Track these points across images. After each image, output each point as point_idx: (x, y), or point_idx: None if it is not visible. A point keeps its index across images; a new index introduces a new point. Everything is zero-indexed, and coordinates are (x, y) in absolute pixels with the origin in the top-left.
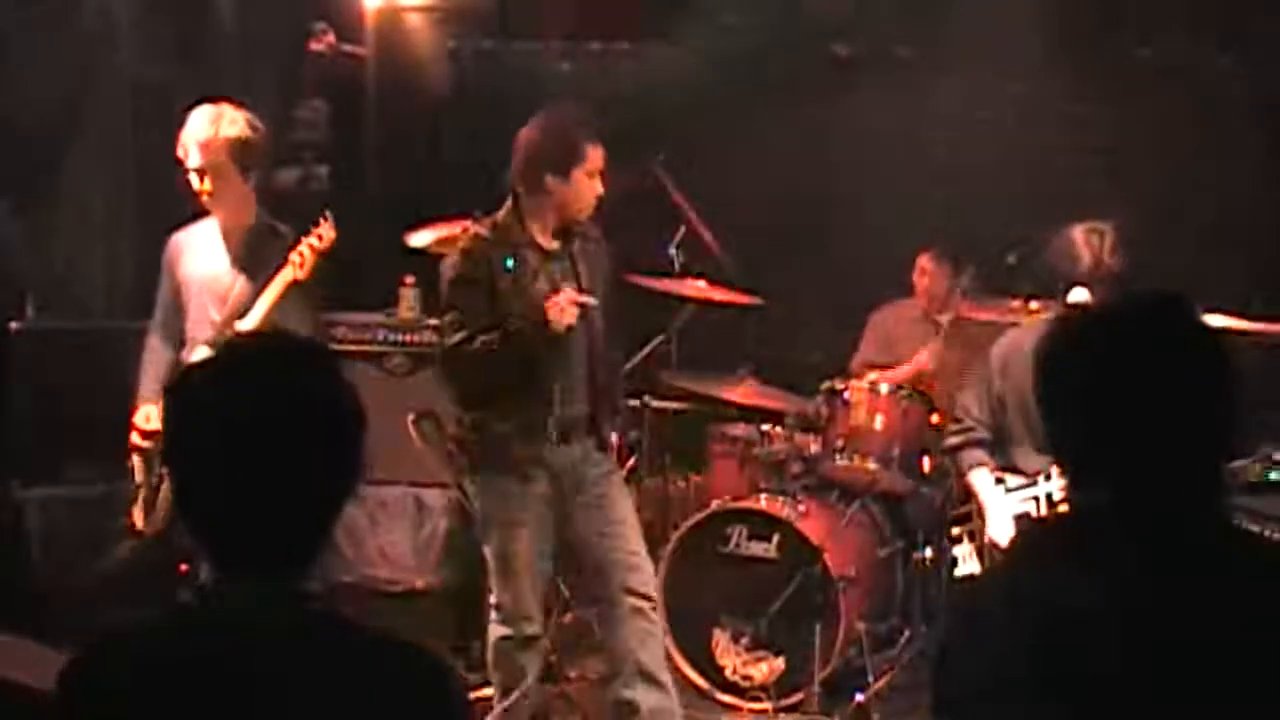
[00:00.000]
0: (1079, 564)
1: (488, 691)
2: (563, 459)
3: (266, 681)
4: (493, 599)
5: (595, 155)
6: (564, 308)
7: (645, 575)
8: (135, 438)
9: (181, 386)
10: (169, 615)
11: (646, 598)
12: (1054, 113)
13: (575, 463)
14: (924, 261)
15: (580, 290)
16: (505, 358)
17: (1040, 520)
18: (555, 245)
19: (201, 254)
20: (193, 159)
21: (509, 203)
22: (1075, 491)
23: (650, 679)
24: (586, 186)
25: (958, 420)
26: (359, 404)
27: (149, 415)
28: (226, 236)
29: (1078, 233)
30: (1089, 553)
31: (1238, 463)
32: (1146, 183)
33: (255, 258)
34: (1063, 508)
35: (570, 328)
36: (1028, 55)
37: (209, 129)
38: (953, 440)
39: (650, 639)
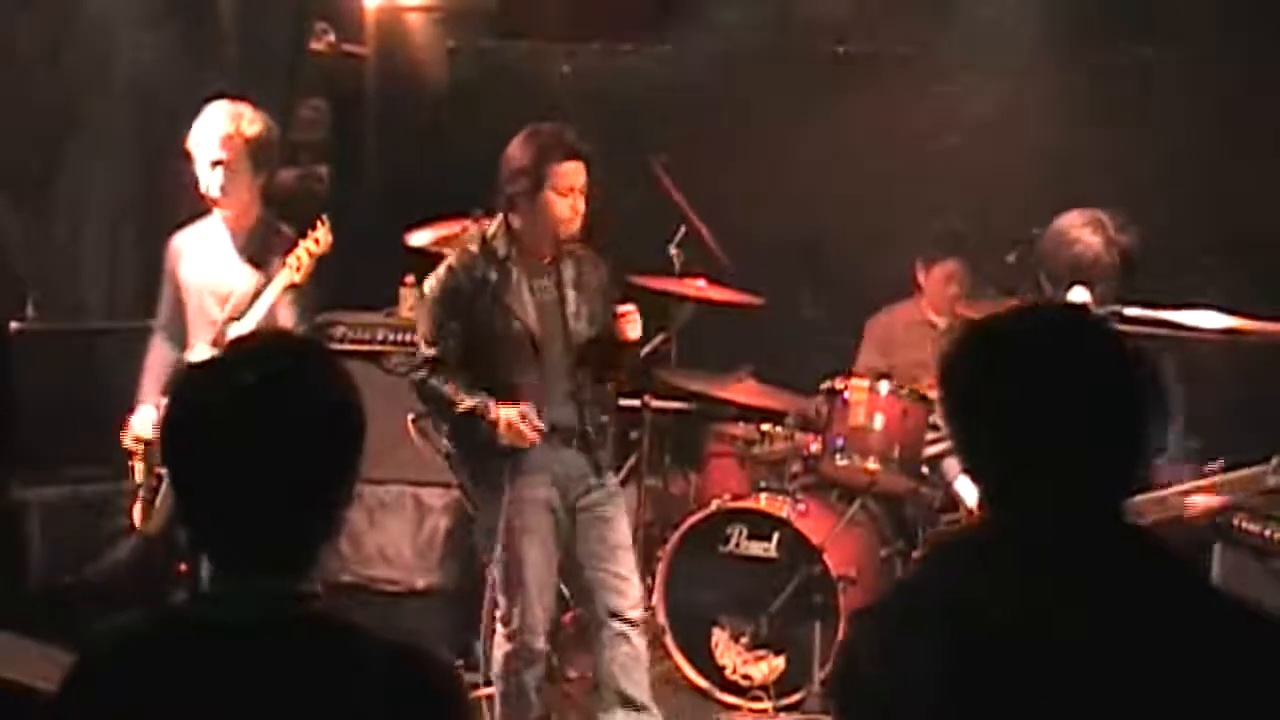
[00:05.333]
0: (987, 578)
1: (488, 691)
2: (565, 464)
3: (266, 683)
4: (499, 612)
5: (566, 174)
6: (513, 423)
7: (633, 600)
8: (128, 440)
9: (182, 385)
10: (166, 616)
11: (631, 623)
12: (1054, 112)
13: (580, 471)
14: (951, 268)
15: (562, 306)
16: (478, 379)
17: (951, 532)
18: (544, 262)
19: (203, 254)
20: (211, 152)
21: (500, 217)
22: (986, 505)
23: (632, 704)
24: (556, 206)
25: (935, 428)
26: (359, 403)
27: (142, 422)
28: (232, 236)
29: (1073, 223)
30: (997, 567)
31: (1256, 469)
32: (1147, 182)
33: (259, 258)
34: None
35: (517, 446)
36: (1028, 55)
37: (231, 124)
38: (934, 449)
39: (633, 664)
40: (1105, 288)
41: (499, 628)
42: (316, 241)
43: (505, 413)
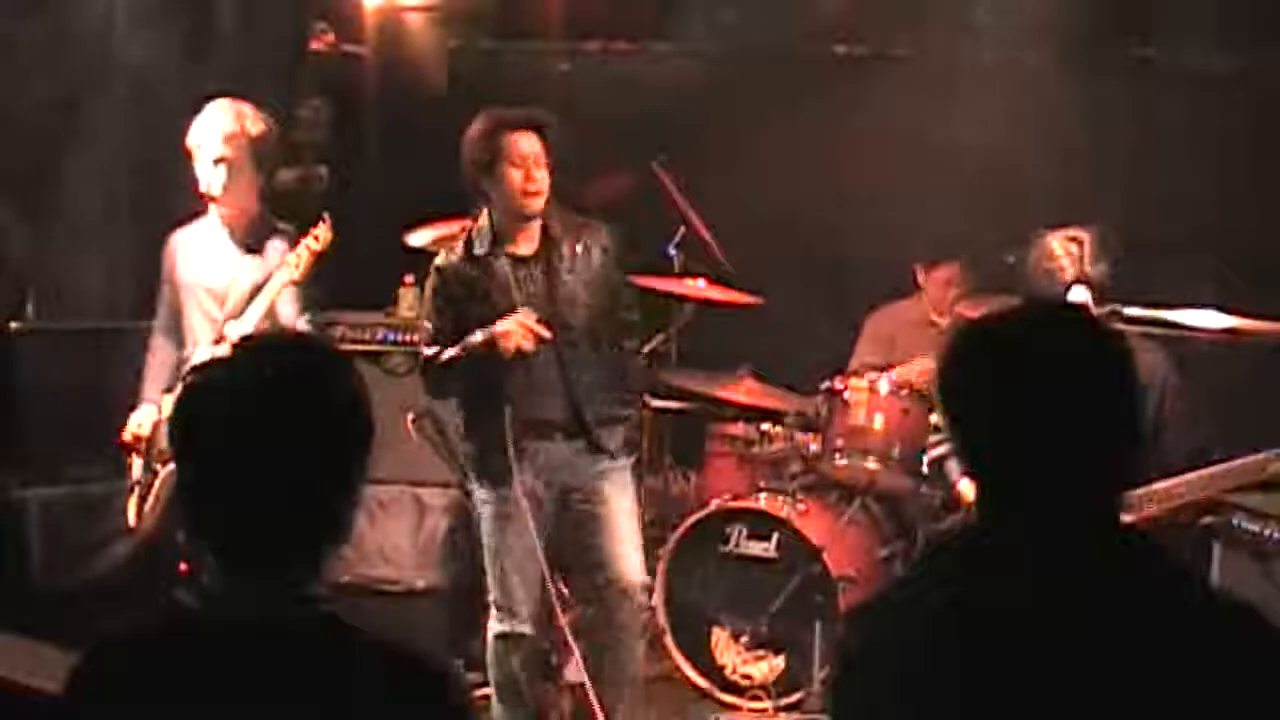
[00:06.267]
0: (984, 577)
1: (487, 690)
2: (551, 455)
3: (267, 684)
4: (490, 596)
5: (517, 143)
6: (511, 333)
7: (634, 564)
8: (126, 436)
9: (189, 384)
10: (169, 616)
11: (632, 586)
12: (1054, 113)
13: (569, 459)
14: (952, 272)
15: (551, 295)
16: (469, 369)
17: (948, 531)
18: (531, 250)
19: (201, 252)
20: (214, 150)
21: (484, 213)
22: (982, 504)
23: (623, 681)
24: (512, 177)
25: (937, 430)
26: (367, 403)
27: (141, 421)
28: (231, 234)
29: (1055, 241)
30: (994, 566)
31: (1260, 455)
32: (1146, 181)
33: (258, 256)
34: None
35: (523, 351)
36: (1028, 56)
37: (234, 123)
38: (938, 451)
39: (627, 635)
40: (1092, 296)
41: (492, 612)
42: (317, 239)
43: (502, 325)
